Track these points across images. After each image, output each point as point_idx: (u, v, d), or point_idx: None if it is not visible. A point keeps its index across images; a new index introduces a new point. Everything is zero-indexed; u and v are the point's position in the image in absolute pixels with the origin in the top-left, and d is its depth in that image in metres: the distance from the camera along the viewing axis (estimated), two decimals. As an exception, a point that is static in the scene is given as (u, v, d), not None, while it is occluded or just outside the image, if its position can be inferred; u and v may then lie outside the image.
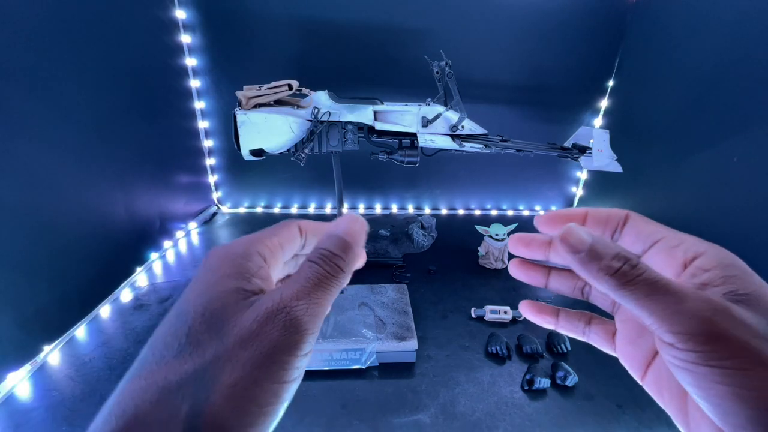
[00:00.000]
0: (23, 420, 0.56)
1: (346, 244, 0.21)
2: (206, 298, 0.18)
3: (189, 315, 0.18)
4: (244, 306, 0.18)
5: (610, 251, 0.17)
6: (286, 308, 0.18)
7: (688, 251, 0.19)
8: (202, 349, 0.17)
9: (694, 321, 0.15)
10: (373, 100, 0.80)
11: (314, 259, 0.20)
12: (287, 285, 0.19)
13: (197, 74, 1.10)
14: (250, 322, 0.17)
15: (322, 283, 0.19)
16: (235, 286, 0.18)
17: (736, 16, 0.81)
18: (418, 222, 0.99)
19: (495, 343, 0.70)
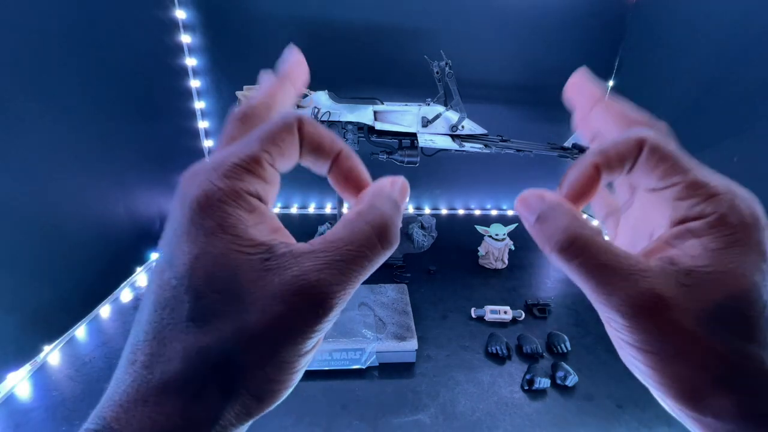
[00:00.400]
0: (23, 420, 0.55)
1: (401, 211, 0.18)
2: (208, 260, 0.15)
3: (190, 278, 0.15)
4: (261, 273, 0.15)
5: (553, 225, 0.17)
6: (324, 294, 0.15)
7: (692, 208, 0.16)
8: (220, 323, 0.15)
9: (621, 314, 0.15)
10: (373, 100, 0.80)
11: (373, 226, 0.16)
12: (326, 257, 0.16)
13: (197, 74, 1.10)
14: (275, 300, 0.15)
15: (370, 260, 0.16)
16: (237, 246, 0.15)
17: (736, 16, 0.81)
18: (418, 222, 0.99)
19: (495, 343, 0.70)
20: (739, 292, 0.15)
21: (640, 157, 0.18)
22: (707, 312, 0.15)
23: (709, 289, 0.15)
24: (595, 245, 0.16)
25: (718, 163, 0.78)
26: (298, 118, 0.18)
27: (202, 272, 0.15)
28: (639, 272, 0.15)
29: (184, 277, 0.15)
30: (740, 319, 0.15)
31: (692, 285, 0.15)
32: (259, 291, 0.15)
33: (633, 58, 1.11)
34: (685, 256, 0.16)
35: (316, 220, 1.16)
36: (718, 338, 0.15)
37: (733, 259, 0.15)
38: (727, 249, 0.15)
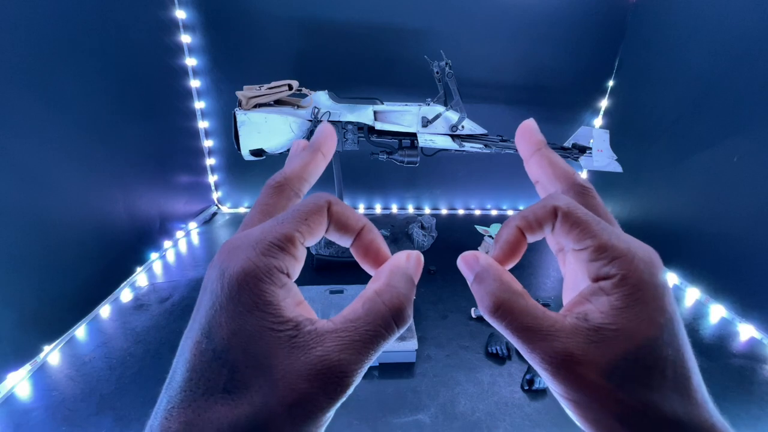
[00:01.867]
0: (23, 420, 0.55)
1: (414, 287, 0.19)
2: (244, 336, 0.16)
3: (228, 353, 0.16)
4: (289, 351, 0.16)
5: (484, 292, 0.19)
6: (344, 374, 0.16)
7: (601, 270, 0.19)
8: (251, 396, 0.16)
9: (542, 368, 0.18)
10: (373, 100, 0.80)
11: (390, 305, 0.18)
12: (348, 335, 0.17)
13: (197, 74, 1.10)
14: (299, 377, 0.16)
15: (386, 339, 0.18)
16: (270, 324, 0.17)
17: (736, 16, 0.81)
18: (418, 222, 0.99)
19: (495, 343, 0.70)
20: (637, 347, 0.17)
21: (556, 222, 0.20)
22: (612, 365, 0.17)
23: (613, 344, 0.17)
24: (518, 309, 0.18)
25: (719, 163, 0.78)
26: (328, 201, 0.20)
27: (239, 348, 0.16)
28: (555, 333, 0.18)
29: (223, 351, 0.16)
30: (641, 370, 0.17)
31: (600, 341, 0.17)
32: (287, 368, 0.16)
33: (633, 58, 1.11)
34: (596, 313, 0.18)
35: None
36: (622, 388, 0.17)
37: (633, 316, 0.17)
38: (629, 307, 0.17)
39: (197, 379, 0.16)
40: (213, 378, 0.16)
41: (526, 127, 0.25)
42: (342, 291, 0.76)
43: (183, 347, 0.17)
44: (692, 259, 0.91)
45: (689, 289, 0.90)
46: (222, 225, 1.19)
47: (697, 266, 0.90)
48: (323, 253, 0.89)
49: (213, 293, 0.17)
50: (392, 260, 0.20)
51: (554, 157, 0.24)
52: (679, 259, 0.95)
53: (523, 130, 0.25)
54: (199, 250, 1.05)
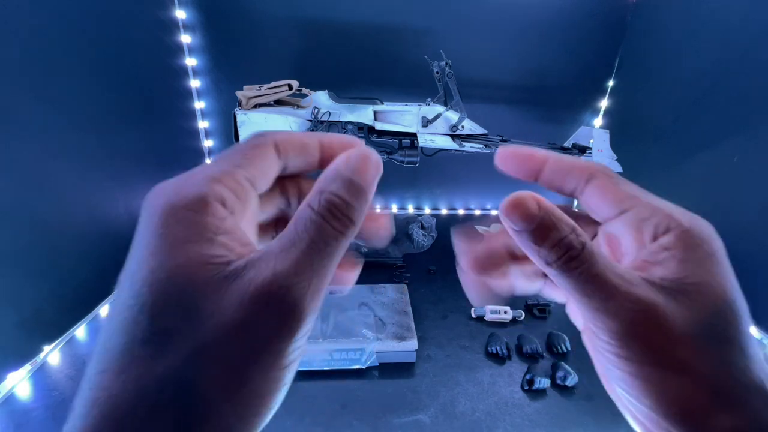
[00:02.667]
0: (23, 420, 0.55)
1: (359, 188, 0.16)
2: (163, 273, 0.14)
3: (146, 296, 0.14)
4: (219, 283, 0.14)
5: (557, 235, 0.16)
6: (283, 288, 0.14)
7: (658, 226, 0.17)
8: (174, 342, 0.13)
9: (617, 322, 0.15)
10: (373, 100, 0.80)
11: (318, 208, 0.15)
12: (280, 251, 0.15)
13: (197, 74, 1.10)
14: (233, 309, 0.13)
15: (329, 244, 0.15)
16: (197, 256, 0.14)
17: (736, 16, 0.81)
18: (418, 222, 0.99)
19: (495, 343, 0.70)
20: (724, 303, 0.15)
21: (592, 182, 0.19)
22: (700, 324, 0.15)
23: (697, 299, 0.15)
24: (597, 254, 0.16)
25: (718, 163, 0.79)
26: (272, 137, 0.18)
27: (158, 287, 0.14)
28: (633, 282, 0.15)
29: (140, 295, 0.14)
30: (730, 331, 0.15)
31: (681, 297, 0.15)
32: (216, 301, 0.14)
33: (633, 58, 1.11)
34: (666, 270, 0.16)
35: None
36: (713, 352, 0.14)
37: (706, 270, 0.15)
38: (699, 261, 0.16)
39: (117, 335, 0.14)
40: (130, 329, 0.14)
41: (512, 150, 0.21)
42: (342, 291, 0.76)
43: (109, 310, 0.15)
44: (692, 259, 0.91)
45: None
46: (222, 225, 1.19)
47: (697, 266, 0.90)
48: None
49: (137, 235, 0.15)
50: (330, 165, 0.17)
51: (563, 161, 0.20)
52: (679, 259, 0.95)
53: (510, 154, 0.21)
54: (199, 250, 1.05)
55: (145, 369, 0.13)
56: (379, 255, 0.95)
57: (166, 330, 0.13)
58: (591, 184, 0.19)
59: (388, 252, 0.96)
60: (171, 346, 0.13)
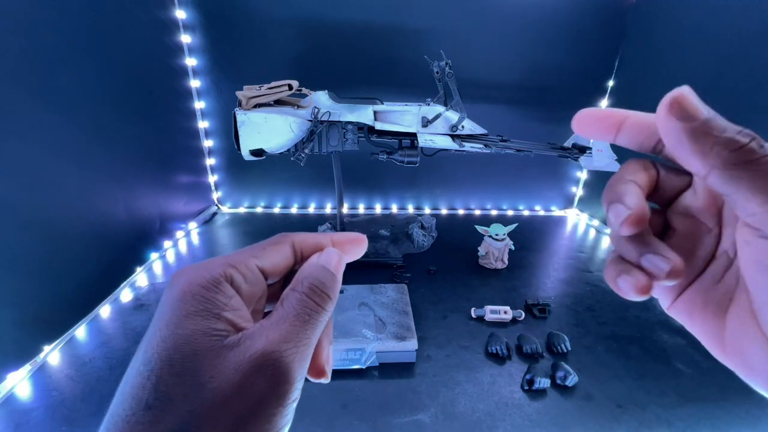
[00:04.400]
0: (23, 420, 0.55)
1: (330, 274, 0.20)
2: (171, 342, 0.15)
3: (154, 363, 0.15)
4: (218, 351, 0.15)
5: (733, 126, 0.15)
6: (274, 354, 0.16)
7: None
8: (174, 407, 0.14)
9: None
10: (373, 100, 0.80)
11: (301, 289, 0.18)
12: (272, 324, 0.17)
13: (197, 74, 1.10)
14: (230, 374, 0.15)
15: (312, 316, 0.18)
16: (203, 327, 0.16)
17: (736, 16, 0.81)
18: (418, 222, 0.99)
19: (495, 343, 0.70)
20: None
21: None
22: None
23: None
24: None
25: (718, 163, 0.75)
26: (291, 236, 0.21)
27: (165, 355, 0.15)
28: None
29: (150, 362, 0.15)
30: None
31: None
32: (215, 369, 0.15)
33: (633, 58, 1.11)
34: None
35: (316, 220, 1.16)
36: None
37: None
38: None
39: (128, 399, 0.15)
40: (137, 394, 0.15)
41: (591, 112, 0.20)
42: (342, 291, 0.76)
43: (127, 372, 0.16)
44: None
45: (689, 289, 0.90)
46: (222, 225, 1.19)
47: (697, 266, 0.90)
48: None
49: (159, 307, 0.17)
50: (306, 261, 0.21)
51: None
52: (679, 259, 0.95)
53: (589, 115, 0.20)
54: (199, 250, 1.05)
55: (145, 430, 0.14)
56: (379, 255, 0.95)
57: (167, 395, 0.15)
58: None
59: (388, 252, 0.96)
60: (171, 411, 0.14)
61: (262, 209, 1.29)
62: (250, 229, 1.16)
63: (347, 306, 0.73)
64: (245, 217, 1.25)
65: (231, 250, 0.86)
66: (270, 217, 1.25)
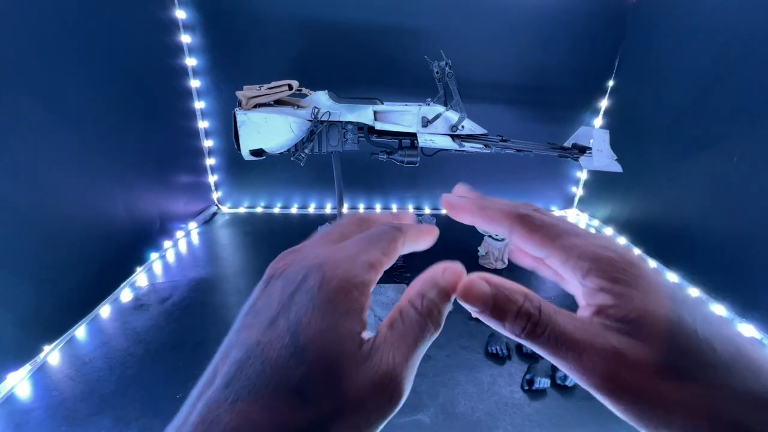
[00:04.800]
0: (23, 420, 0.55)
1: (448, 298, 0.20)
2: (326, 340, 0.17)
3: (308, 353, 0.16)
4: (357, 359, 0.17)
5: (513, 307, 0.18)
6: (397, 378, 0.17)
7: (575, 269, 0.18)
8: (317, 400, 0.16)
9: (596, 377, 0.16)
10: (373, 100, 0.80)
11: (422, 310, 0.19)
12: (395, 342, 0.18)
13: (197, 74, 1.10)
14: (366, 386, 0.16)
15: (424, 342, 0.18)
16: (352, 329, 0.17)
17: (736, 16, 0.81)
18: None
19: (495, 343, 0.70)
20: (672, 323, 0.16)
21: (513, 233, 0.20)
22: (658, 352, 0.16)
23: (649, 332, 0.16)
24: (553, 314, 0.18)
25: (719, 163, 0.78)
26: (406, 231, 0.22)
27: (320, 349, 0.16)
28: (592, 331, 0.17)
29: (304, 350, 0.16)
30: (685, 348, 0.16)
31: (635, 333, 0.16)
32: (354, 377, 0.16)
33: (633, 58, 1.11)
34: (611, 311, 0.17)
35: (316, 221, 1.16)
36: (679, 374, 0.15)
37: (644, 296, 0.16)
38: (633, 289, 0.17)
39: (270, 374, 0.16)
40: (286, 375, 0.16)
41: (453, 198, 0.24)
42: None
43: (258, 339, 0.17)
44: (692, 259, 0.91)
45: (689, 289, 0.90)
46: (222, 225, 1.19)
47: (697, 266, 0.90)
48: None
49: (309, 294, 0.17)
50: (429, 270, 0.21)
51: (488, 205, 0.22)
52: (679, 259, 0.95)
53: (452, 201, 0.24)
54: (199, 250, 1.05)
55: (290, 413, 0.15)
56: (379, 255, 0.95)
57: (316, 389, 0.16)
58: (513, 235, 0.21)
59: (388, 252, 0.96)
60: (314, 405, 0.16)
61: (262, 209, 1.29)
62: (250, 229, 1.16)
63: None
64: (245, 217, 1.25)
65: (231, 250, 0.86)
66: (270, 217, 1.25)
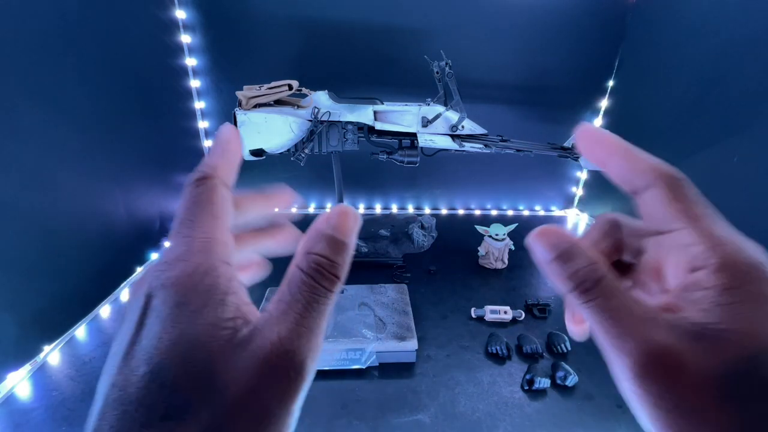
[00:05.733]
0: (23, 420, 0.55)
1: (341, 245, 0.17)
2: (183, 347, 0.14)
3: (167, 371, 0.14)
4: (232, 350, 0.15)
5: (572, 266, 0.16)
6: (288, 353, 0.15)
7: (698, 257, 0.16)
8: (193, 415, 0.14)
9: (632, 362, 0.15)
10: (373, 100, 0.80)
11: (308, 270, 0.16)
12: (280, 314, 0.16)
13: (197, 74, 1.10)
14: (247, 377, 0.14)
15: (320, 302, 0.16)
16: (214, 322, 0.15)
17: (736, 16, 0.81)
18: (418, 222, 0.99)
19: (495, 343, 0.70)
20: (754, 352, 0.14)
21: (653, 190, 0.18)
22: (723, 370, 0.14)
23: (723, 346, 0.14)
24: (614, 289, 0.16)
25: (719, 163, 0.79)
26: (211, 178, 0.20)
27: (179, 360, 0.14)
28: (653, 322, 0.15)
29: (162, 369, 0.14)
30: (757, 380, 0.14)
31: (706, 341, 0.14)
32: (231, 370, 0.14)
33: (633, 58, 1.11)
34: (696, 311, 0.15)
35: (316, 220, 1.16)
36: (736, 400, 0.13)
37: (742, 314, 0.14)
38: (735, 303, 0.14)
39: (135, 410, 0.14)
40: (152, 404, 0.14)
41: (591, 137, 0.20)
42: (343, 291, 0.76)
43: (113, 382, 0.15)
44: (692, 259, 0.91)
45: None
46: (222, 225, 1.19)
47: (697, 266, 0.90)
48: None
49: (156, 310, 0.15)
50: (312, 225, 0.18)
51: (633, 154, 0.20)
52: (679, 259, 0.95)
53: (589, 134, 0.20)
54: (199, 250, 1.05)
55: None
56: (379, 255, 0.95)
57: (187, 403, 0.14)
58: (649, 191, 0.18)
59: (388, 252, 0.96)
60: (191, 421, 0.14)
61: (262, 209, 1.29)
62: (250, 229, 1.16)
63: (347, 306, 0.73)
64: (245, 217, 1.25)
65: (231, 250, 0.84)
66: (270, 217, 1.25)
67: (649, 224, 0.19)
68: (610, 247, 0.20)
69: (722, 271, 0.15)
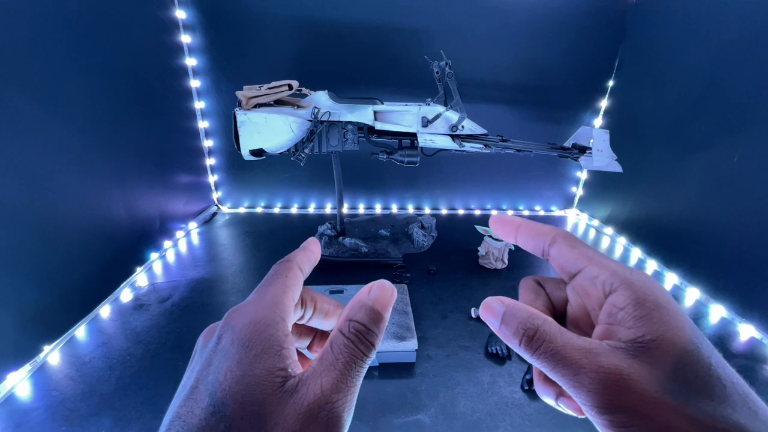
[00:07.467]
0: (23, 420, 0.55)
1: (379, 316, 0.19)
2: (244, 386, 0.16)
3: (226, 407, 0.16)
4: (282, 396, 0.17)
5: (514, 322, 0.19)
6: (328, 405, 0.17)
7: (605, 284, 0.19)
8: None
9: (591, 394, 0.16)
10: (373, 100, 0.80)
11: (348, 335, 0.19)
12: (323, 370, 0.18)
13: (197, 74, 1.10)
14: (292, 421, 0.16)
15: (357, 364, 0.18)
16: (270, 368, 0.17)
17: (736, 16, 0.81)
18: (418, 222, 0.99)
19: (495, 343, 0.70)
20: (682, 354, 0.16)
21: (553, 245, 0.21)
22: (666, 377, 0.16)
23: (657, 355, 0.16)
24: (556, 331, 0.18)
25: (718, 163, 0.79)
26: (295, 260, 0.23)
27: (238, 397, 0.16)
28: (598, 350, 0.17)
29: (222, 404, 0.16)
30: (699, 381, 0.16)
31: (642, 355, 0.16)
32: (280, 414, 0.16)
33: (633, 58, 1.11)
34: (623, 330, 0.17)
35: (316, 220, 1.16)
36: (687, 403, 0.15)
37: (661, 323, 0.17)
38: (650, 314, 0.17)
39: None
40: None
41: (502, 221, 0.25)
42: (342, 291, 0.76)
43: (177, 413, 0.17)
44: (692, 259, 0.91)
45: (689, 289, 0.90)
46: (222, 225, 1.19)
47: (697, 266, 0.90)
48: (324, 254, 0.89)
49: (223, 351, 0.18)
50: (355, 296, 0.21)
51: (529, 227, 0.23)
52: (679, 259, 0.95)
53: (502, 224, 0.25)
54: (199, 250, 1.05)
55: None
56: (379, 255, 0.95)
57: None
58: (552, 247, 0.22)
59: (388, 252, 0.96)
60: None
61: (262, 209, 1.29)
62: (250, 229, 1.16)
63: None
64: (245, 217, 1.25)
65: (231, 250, 0.86)
66: (270, 217, 1.25)
67: (562, 273, 0.22)
68: (544, 304, 0.23)
69: (627, 290, 0.18)
